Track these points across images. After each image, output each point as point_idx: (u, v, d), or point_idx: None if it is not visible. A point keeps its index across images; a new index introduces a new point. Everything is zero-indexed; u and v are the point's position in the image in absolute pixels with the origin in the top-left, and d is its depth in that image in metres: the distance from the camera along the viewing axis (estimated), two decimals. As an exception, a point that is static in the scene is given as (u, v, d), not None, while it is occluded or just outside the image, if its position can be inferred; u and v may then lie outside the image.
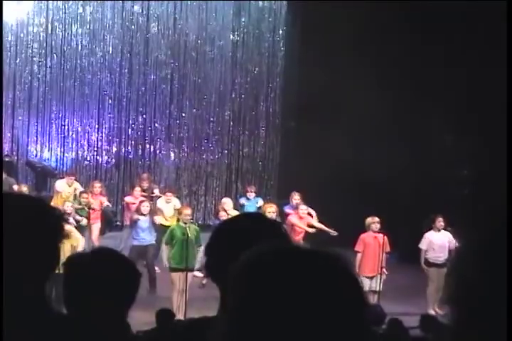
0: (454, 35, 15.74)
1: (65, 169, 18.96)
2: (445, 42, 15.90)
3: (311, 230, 14.43)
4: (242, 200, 16.70)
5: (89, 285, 2.53)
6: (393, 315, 9.33)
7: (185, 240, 12.21)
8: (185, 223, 12.61)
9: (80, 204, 14.77)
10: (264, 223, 2.48)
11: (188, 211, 13.01)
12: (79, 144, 19.85)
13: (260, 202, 16.51)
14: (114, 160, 20.09)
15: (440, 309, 13.02)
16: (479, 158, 15.44)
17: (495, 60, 14.67)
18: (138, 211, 14.10)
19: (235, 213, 14.22)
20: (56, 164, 19.53)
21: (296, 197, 15.31)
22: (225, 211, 14.47)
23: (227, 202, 15.18)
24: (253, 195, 16.69)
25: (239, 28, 20.39)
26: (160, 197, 16.30)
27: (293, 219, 14.42)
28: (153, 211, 14.42)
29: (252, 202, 16.49)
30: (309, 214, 14.92)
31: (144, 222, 13.85)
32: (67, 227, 11.70)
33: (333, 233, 14.27)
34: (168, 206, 15.62)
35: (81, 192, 15.42)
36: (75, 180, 16.85)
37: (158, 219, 14.60)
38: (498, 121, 14.27)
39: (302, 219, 14.56)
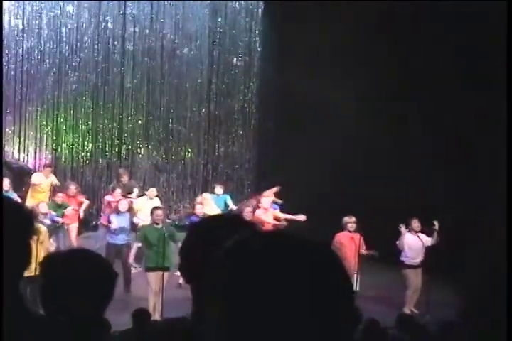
0: (451, 36, 15.51)
1: (41, 169, 18.85)
2: (439, 44, 15.74)
3: (280, 223, 14.42)
4: (207, 196, 16.07)
5: (65, 285, 2.54)
6: (370, 315, 9.36)
7: (161, 240, 12.21)
8: (158, 223, 12.63)
9: (56, 204, 14.66)
10: (239, 223, 2.44)
11: (159, 211, 13.00)
12: (55, 144, 19.76)
13: (229, 200, 16.41)
14: (90, 160, 20.01)
15: (416, 309, 13.13)
16: (462, 158, 15.42)
17: (493, 60, 14.51)
18: (116, 209, 14.10)
19: (212, 209, 14.27)
20: (33, 164, 19.44)
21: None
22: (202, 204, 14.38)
23: (207, 198, 15.09)
24: (221, 190, 16.50)
25: (215, 28, 20.38)
26: (140, 196, 16.22)
27: (258, 214, 14.27)
28: (132, 210, 14.40)
29: (221, 199, 16.29)
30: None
31: (120, 220, 13.82)
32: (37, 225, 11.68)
33: (302, 218, 14.35)
34: (150, 204, 14.95)
35: (56, 193, 15.29)
36: (51, 172, 16.90)
37: (137, 219, 14.58)
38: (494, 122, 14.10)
39: (267, 211, 14.52)
